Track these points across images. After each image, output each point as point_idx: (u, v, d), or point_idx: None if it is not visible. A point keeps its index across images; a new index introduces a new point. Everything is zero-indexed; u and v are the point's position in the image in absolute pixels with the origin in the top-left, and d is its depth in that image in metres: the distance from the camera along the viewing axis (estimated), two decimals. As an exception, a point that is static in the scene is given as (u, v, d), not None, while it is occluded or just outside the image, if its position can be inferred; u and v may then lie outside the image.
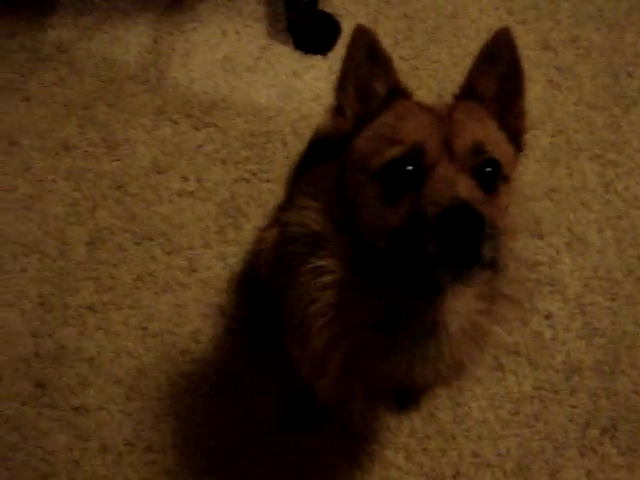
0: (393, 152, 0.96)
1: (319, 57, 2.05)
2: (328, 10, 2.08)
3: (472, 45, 2.08)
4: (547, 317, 1.79)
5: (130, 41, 2.06)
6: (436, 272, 0.88)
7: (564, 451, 1.69)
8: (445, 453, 1.67)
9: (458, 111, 1.02)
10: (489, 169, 0.97)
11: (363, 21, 2.03)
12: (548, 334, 1.78)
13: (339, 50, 2.05)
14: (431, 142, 0.95)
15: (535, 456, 1.68)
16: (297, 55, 2.06)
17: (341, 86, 1.06)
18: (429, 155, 0.94)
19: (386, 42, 2.01)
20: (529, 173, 1.92)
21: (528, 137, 1.92)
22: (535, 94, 2.03)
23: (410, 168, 0.94)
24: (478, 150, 0.96)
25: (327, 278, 1.06)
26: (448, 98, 1.11)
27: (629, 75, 2.08)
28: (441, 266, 0.87)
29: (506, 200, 1.01)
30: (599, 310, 1.81)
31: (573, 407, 1.73)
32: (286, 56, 2.05)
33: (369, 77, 1.05)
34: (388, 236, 0.94)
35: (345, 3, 2.12)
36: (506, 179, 1.01)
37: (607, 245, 1.87)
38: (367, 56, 1.04)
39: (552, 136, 1.98)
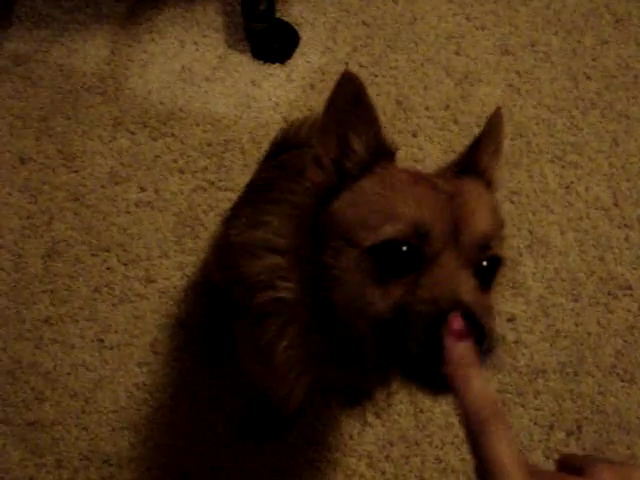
0: (391, 230, 0.83)
1: (277, 66, 2.04)
2: (286, 19, 2.08)
3: (431, 51, 2.08)
4: (510, 320, 1.78)
5: (87, 53, 2.04)
6: (411, 376, 0.80)
7: (529, 454, 1.67)
8: (408, 460, 1.64)
9: (467, 191, 0.90)
10: (490, 267, 0.88)
11: (321, 29, 2.06)
12: (511, 337, 1.76)
13: (297, 58, 2.05)
14: (438, 226, 0.83)
15: (500, 460, 1.66)
16: (255, 64, 2.04)
17: (322, 136, 0.93)
18: (434, 241, 0.82)
19: (345, 50, 2.06)
20: (489, 176, 1.91)
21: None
22: (495, 98, 2.03)
23: (409, 251, 0.83)
24: (486, 245, 0.86)
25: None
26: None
27: (588, 78, 2.09)
28: (419, 373, 0.78)
29: (494, 297, 0.91)
30: (562, 312, 1.80)
31: (537, 409, 1.71)
32: (244, 65, 2.04)
33: (351, 130, 0.92)
34: (370, 320, 0.83)
35: (303, 12, 2.12)
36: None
37: (569, 246, 1.86)
38: (351, 106, 0.90)
39: (512, 139, 1.98)
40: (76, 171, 1.88)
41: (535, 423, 1.70)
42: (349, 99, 0.89)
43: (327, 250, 0.89)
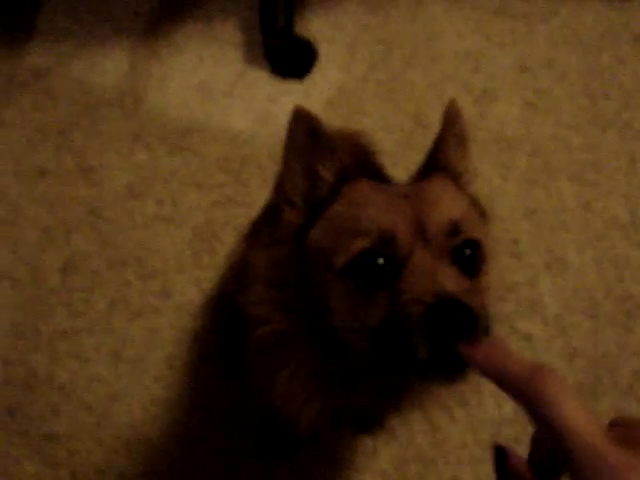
0: (359, 245, 0.85)
1: (296, 82, 2.04)
2: (305, 35, 2.08)
3: (449, 68, 2.08)
4: (527, 339, 1.76)
5: (107, 67, 2.05)
6: (428, 377, 0.80)
7: (545, 475, 1.65)
8: (424, 478, 1.63)
9: (426, 187, 0.93)
10: (469, 251, 0.87)
11: (340, 45, 2.07)
12: (528, 356, 1.75)
13: (315, 75, 2.05)
14: (401, 228, 0.84)
15: (516, 480, 1.65)
16: (274, 80, 2.05)
17: (287, 175, 0.96)
18: (402, 243, 0.83)
19: (363, 66, 2.05)
20: (507, 195, 1.91)
21: (506, 159, 1.94)
22: (512, 116, 2.03)
23: (382, 261, 0.83)
24: (455, 230, 0.86)
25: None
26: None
27: (606, 96, 2.08)
28: (434, 371, 0.78)
29: (488, 281, 0.91)
30: (579, 331, 1.78)
31: (554, 430, 1.69)
32: (263, 81, 2.05)
33: (314, 162, 0.94)
34: (367, 336, 0.83)
35: (322, 28, 2.12)
36: (485, 259, 0.91)
37: (587, 265, 1.85)
38: (309, 139, 0.93)
39: (530, 157, 1.97)
40: (94, 184, 1.89)
41: (552, 443, 1.68)
42: (307, 133, 0.92)
43: (313, 280, 0.91)
